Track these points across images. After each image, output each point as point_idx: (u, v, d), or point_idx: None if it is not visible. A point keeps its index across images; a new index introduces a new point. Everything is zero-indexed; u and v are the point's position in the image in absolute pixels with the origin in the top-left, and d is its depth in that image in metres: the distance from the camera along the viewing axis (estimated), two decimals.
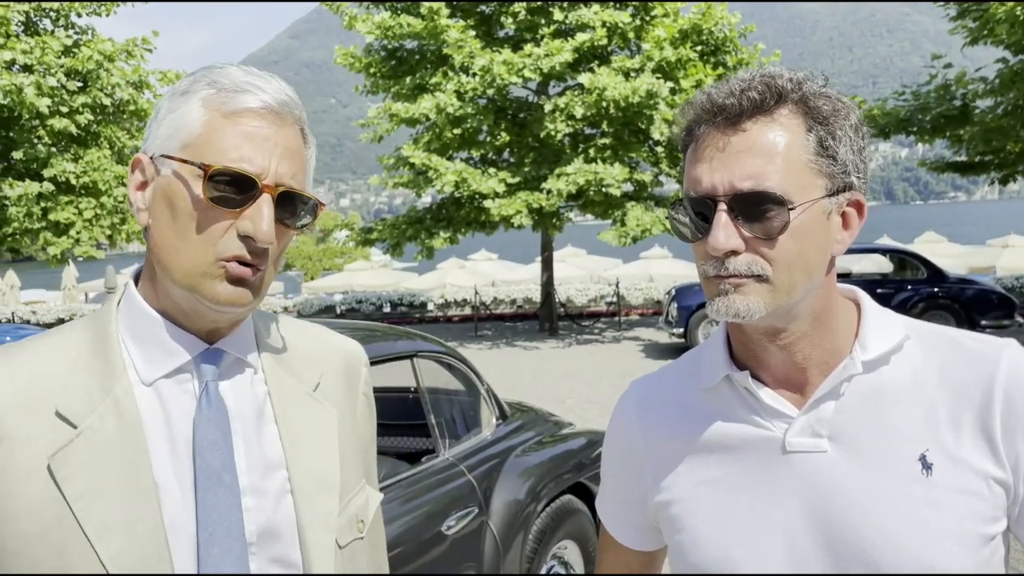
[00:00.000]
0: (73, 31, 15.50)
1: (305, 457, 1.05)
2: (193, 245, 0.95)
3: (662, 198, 15.80)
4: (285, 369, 1.10)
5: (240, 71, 1.01)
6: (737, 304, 0.95)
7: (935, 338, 1.03)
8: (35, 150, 14.20)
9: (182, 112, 0.98)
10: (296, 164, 1.00)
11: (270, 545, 1.00)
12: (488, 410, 3.69)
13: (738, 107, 0.94)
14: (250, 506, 0.99)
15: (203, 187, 0.94)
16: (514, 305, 20.60)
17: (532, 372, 12.03)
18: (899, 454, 0.97)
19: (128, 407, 0.96)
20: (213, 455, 0.97)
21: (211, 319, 1.01)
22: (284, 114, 1.00)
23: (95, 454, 0.93)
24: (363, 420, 1.19)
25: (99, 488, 0.92)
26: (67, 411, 0.94)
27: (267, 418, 1.05)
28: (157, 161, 0.99)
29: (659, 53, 14.38)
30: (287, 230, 1.01)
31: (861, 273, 14.59)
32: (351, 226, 17.78)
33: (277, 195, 0.97)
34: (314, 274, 40.74)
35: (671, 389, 1.16)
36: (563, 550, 3.70)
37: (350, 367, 1.19)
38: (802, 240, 0.94)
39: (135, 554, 0.92)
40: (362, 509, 1.12)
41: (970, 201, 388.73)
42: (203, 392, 1.00)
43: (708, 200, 0.95)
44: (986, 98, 14.47)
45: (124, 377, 0.98)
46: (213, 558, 0.95)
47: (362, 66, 15.98)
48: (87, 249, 15.08)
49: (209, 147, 0.96)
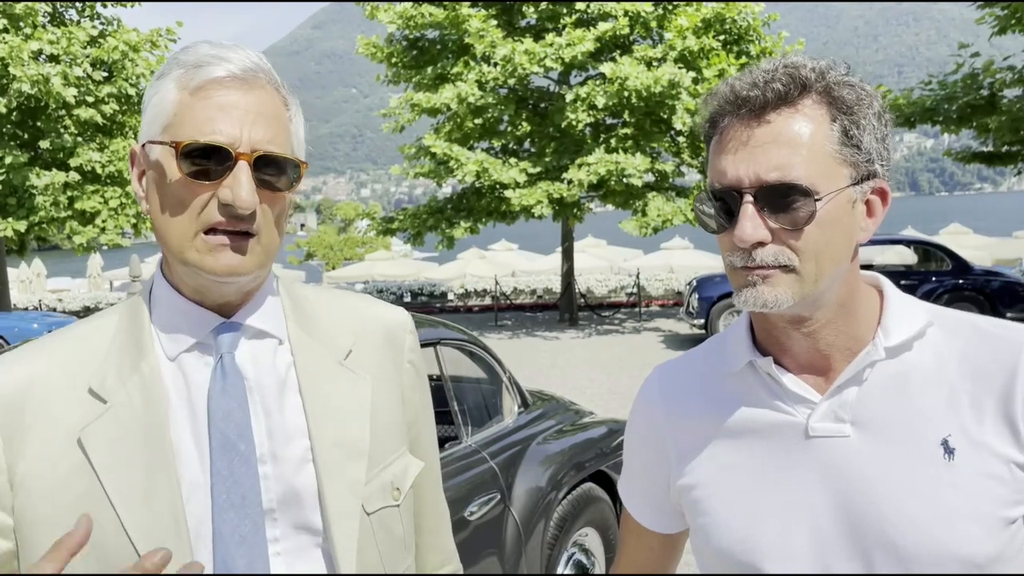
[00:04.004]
0: (99, 22, 15.65)
1: (331, 425, 1.06)
2: (178, 220, 0.98)
3: (683, 188, 15.73)
4: (314, 338, 1.11)
5: (207, 46, 1.01)
6: (765, 295, 0.96)
7: (957, 324, 1.04)
8: (61, 140, 14.38)
9: (159, 96, 1.01)
10: (273, 127, 1.00)
11: (291, 511, 1.02)
12: (510, 398, 3.72)
13: (762, 99, 0.95)
14: (268, 474, 1.02)
15: (177, 164, 0.97)
16: (534, 295, 20.61)
17: (552, 362, 12.05)
18: (921, 438, 0.98)
19: (153, 382, 1.01)
20: (228, 425, 1.00)
21: (219, 292, 1.03)
22: (252, 79, 1.00)
23: (122, 427, 0.98)
24: (410, 388, 1.20)
25: (124, 459, 0.97)
26: (100, 388, 1.00)
27: (290, 388, 1.07)
28: (147, 148, 1.02)
29: (681, 42, 14.29)
30: (275, 193, 1.01)
31: (885, 264, 14.47)
32: (372, 216, 17.80)
33: (254, 160, 0.97)
34: (335, 264, 40.95)
35: (694, 374, 1.17)
36: (584, 537, 3.72)
37: (391, 335, 1.19)
38: (828, 230, 0.95)
39: (154, 520, 0.96)
40: (399, 477, 1.13)
41: (996, 192, 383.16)
42: (217, 364, 1.03)
43: (734, 192, 0.96)
44: (1014, 87, 14.25)
45: (151, 354, 1.03)
46: (229, 523, 0.98)
47: (384, 56, 16.01)
48: (112, 237, 15.27)
49: (183, 125, 0.98)
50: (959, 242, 20.56)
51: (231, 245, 0.97)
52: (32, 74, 13.25)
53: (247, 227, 0.98)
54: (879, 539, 0.97)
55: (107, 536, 0.94)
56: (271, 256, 1.04)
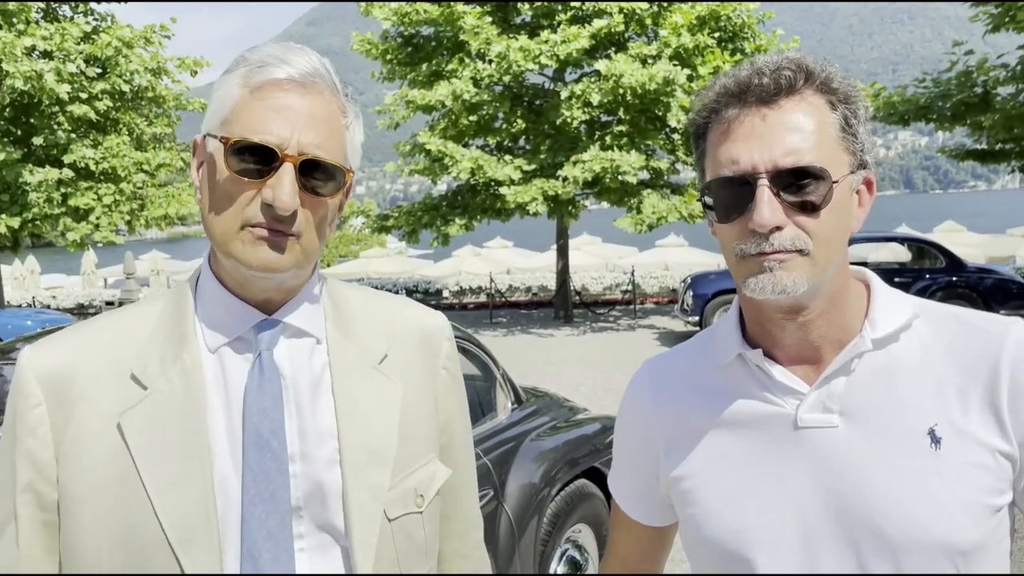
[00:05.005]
0: (92, 18, 15.59)
1: (359, 429, 1.07)
2: (223, 214, 1.00)
3: (678, 186, 15.74)
4: (351, 341, 1.12)
5: (275, 46, 1.03)
6: (784, 280, 0.95)
7: (943, 316, 1.05)
8: (55, 136, 14.32)
9: (224, 91, 1.02)
10: (324, 133, 1.01)
11: (316, 511, 1.04)
12: (503, 394, 3.72)
13: (773, 86, 0.96)
14: (297, 472, 1.03)
15: (226, 159, 0.99)
16: (529, 293, 20.61)
17: (547, 359, 12.05)
18: (908, 428, 0.98)
19: (194, 372, 1.03)
20: (262, 421, 1.02)
21: (260, 287, 1.04)
22: (310, 84, 1.01)
23: (160, 414, 1.00)
24: (445, 394, 1.20)
25: (160, 445, 0.99)
26: (141, 375, 1.02)
27: (324, 388, 1.08)
28: (206, 140, 1.04)
29: (676, 40, 14.29)
30: (318, 198, 1.02)
31: (879, 262, 14.51)
32: (367, 213, 17.84)
33: (300, 164, 0.98)
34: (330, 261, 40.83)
35: (684, 367, 1.18)
36: (577, 533, 3.73)
37: (427, 341, 1.20)
38: (838, 214, 0.97)
39: (185, 508, 0.97)
40: (424, 484, 1.13)
41: (990, 190, 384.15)
42: (256, 360, 1.05)
43: (748, 178, 0.96)
44: (1008, 85, 14.30)
45: (194, 344, 1.05)
46: (257, 518, 1.00)
47: (378, 53, 15.98)
48: (106, 235, 15.21)
49: (238, 122, 1.00)
50: (953, 239, 20.61)
51: (269, 240, 0.99)
52: (25, 70, 13.18)
53: (286, 228, 0.99)
54: (867, 528, 0.97)
55: (138, 520, 0.97)
56: (311, 257, 1.05)
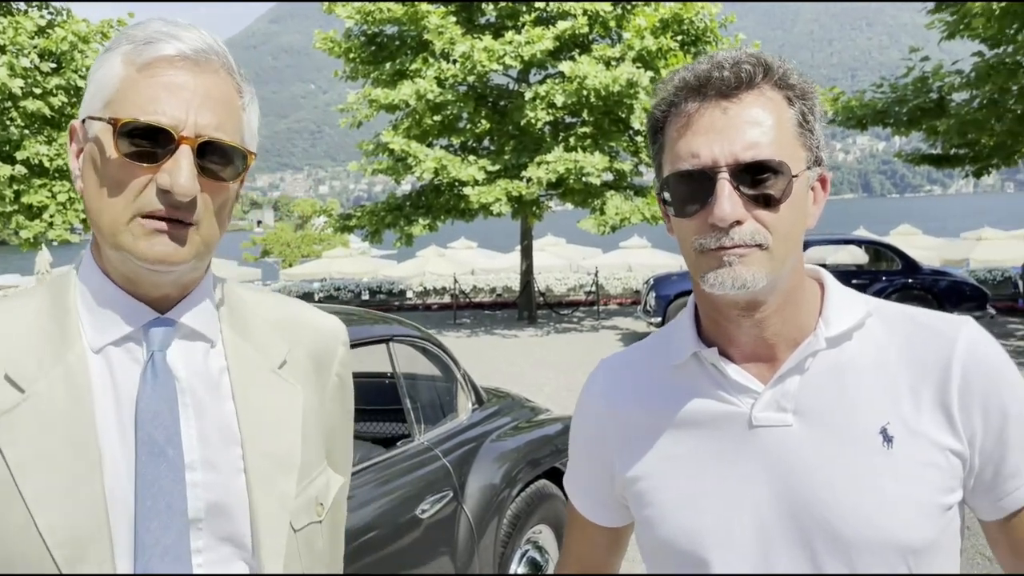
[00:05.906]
0: (47, 11, 15.27)
1: (264, 435, 1.01)
2: (113, 203, 0.92)
3: (641, 188, 15.84)
4: (249, 343, 1.05)
5: (161, 23, 0.96)
6: (744, 274, 0.94)
7: (896, 316, 1.05)
8: (7, 132, 14.01)
9: (104, 70, 0.95)
10: (223, 113, 0.95)
11: (219, 522, 0.97)
12: (464, 395, 3.70)
13: (733, 79, 0.96)
14: (197, 481, 0.96)
15: (116, 143, 0.91)
16: (493, 294, 20.60)
17: (510, 360, 12.04)
18: (861, 427, 0.98)
19: (79, 374, 0.94)
20: (156, 427, 0.94)
21: (152, 282, 0.97)
22: (204, 62, 0.95)
23: (41, 420, 0.90)
24: (331, 401, 1.15)
25: (42, 454, 0.89)
26: (17, 375, 0.92)
27: (223, 393, 1.01)
28: (87, 124, 0.96)
29: (640, 42, 14.39)
30: (218, 183, 0.96)
31: (837, 264, 14.74)
32: (330, 213, 17.70)
33: (197, 146, 0.92)
34: (292, 261, 40.49)
35: (639, 366, 1.17)
36: (538, 534, 3.72)
37: (323, 345, 1.14)
38: (795, 210, 0.97)
39: (73, 524, 0.88)
40: (322, 492, 1.08)
41: (945, 194, 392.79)
42: (148, 362, 0.97)
43: (708, 172, 0.95)
44: (962, 91, 14.59)
45: (78, 344, 0.95)
46: (152, 532, 0.92)
47: (341, 51, 15.86)
48: (61, 233, 14.91)
49: (125, 102, 0.92)
50: (909, 243, 21.02)
51: (168, 232, 0.91)
52: None
53: (185, 216, 0.92)
54: (820, 527, 0.97)
55: (16, 540, 0.87)
56: (210, 248, 0.98)
